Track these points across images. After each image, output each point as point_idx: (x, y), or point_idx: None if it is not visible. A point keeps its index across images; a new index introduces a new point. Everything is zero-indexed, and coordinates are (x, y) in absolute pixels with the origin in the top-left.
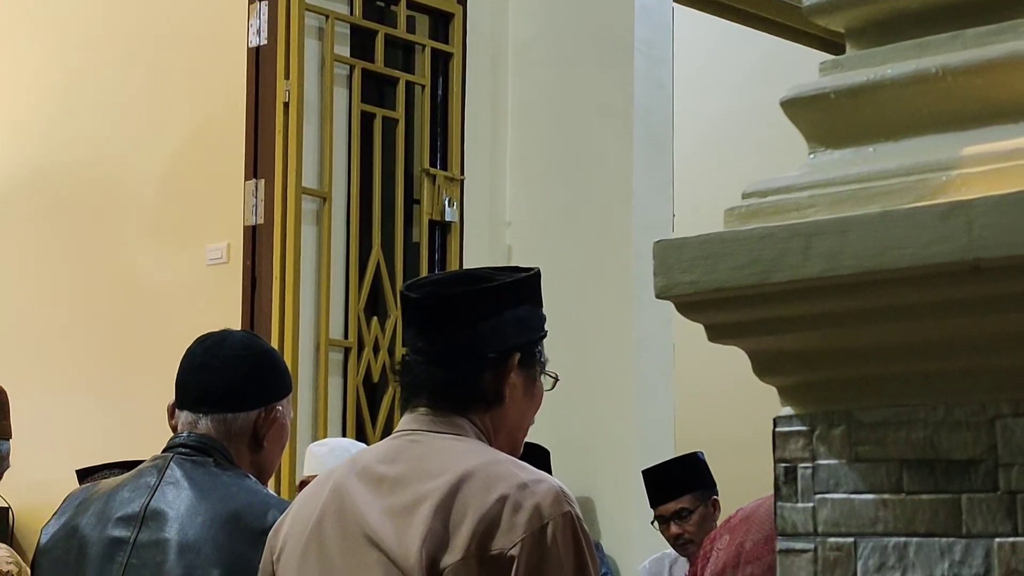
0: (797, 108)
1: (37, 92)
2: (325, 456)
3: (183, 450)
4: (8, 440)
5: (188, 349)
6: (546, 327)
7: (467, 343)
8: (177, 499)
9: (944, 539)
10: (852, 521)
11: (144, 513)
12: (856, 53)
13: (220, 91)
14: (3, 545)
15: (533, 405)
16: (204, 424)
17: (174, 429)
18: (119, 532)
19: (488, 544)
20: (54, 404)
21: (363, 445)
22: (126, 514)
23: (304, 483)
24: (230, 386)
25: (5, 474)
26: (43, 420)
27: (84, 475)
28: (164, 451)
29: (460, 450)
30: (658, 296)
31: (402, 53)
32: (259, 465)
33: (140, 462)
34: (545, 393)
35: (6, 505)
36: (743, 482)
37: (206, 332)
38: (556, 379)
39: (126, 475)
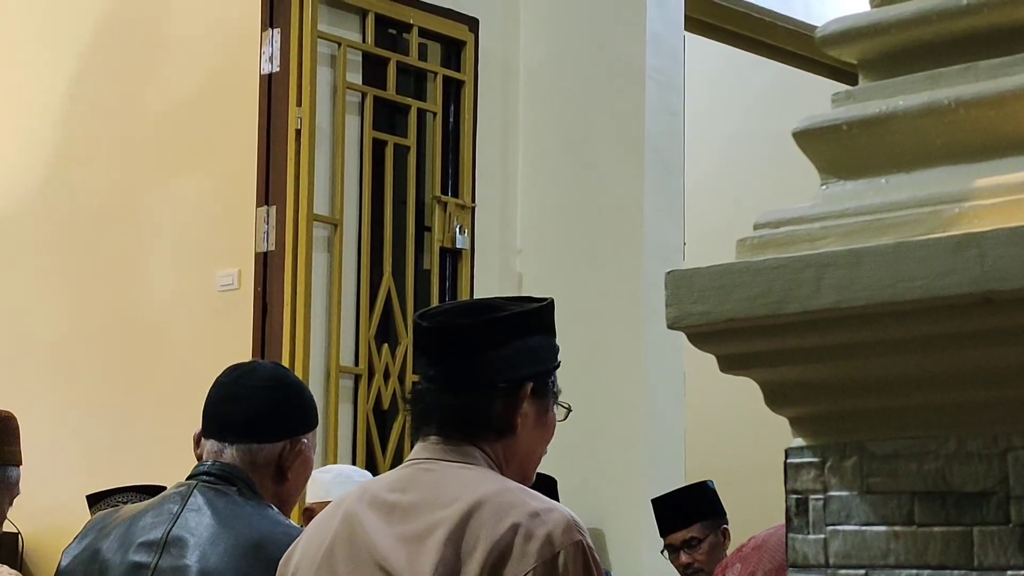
0: (809, 139)
1: (48, 115)
2: (329, 483)
3: (207, 478)
4: (18, 466)
5: (217, 378)
6: (559, 357)
7: (478, 372)
8: (199, 526)
9: (956, 572)
10: (864, 553)
11: (166, 539)
12: (869, 84)
13: (232, 118)
14: (11, 569)
15: (545, 435)
16: (229, 453)
17: (199, 458)
18: (140, 557)
19: (500, 572)
20: (63, 430)
21: (367, 473)
22: (148, 540)
23: (308, 510)
24: (257, 417)
25: (15, 500)
26: (53, 446)
27: (94, 501)
28: (188, 479)
29: (472, 479)
30: (670, 326)
31: (414, 80)
32: (281, 497)
33: (150, 486)
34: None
35: (16, 531)
36: (754, 510)
37: (219, 359)
38: (569, 410)
39: (149, 501)
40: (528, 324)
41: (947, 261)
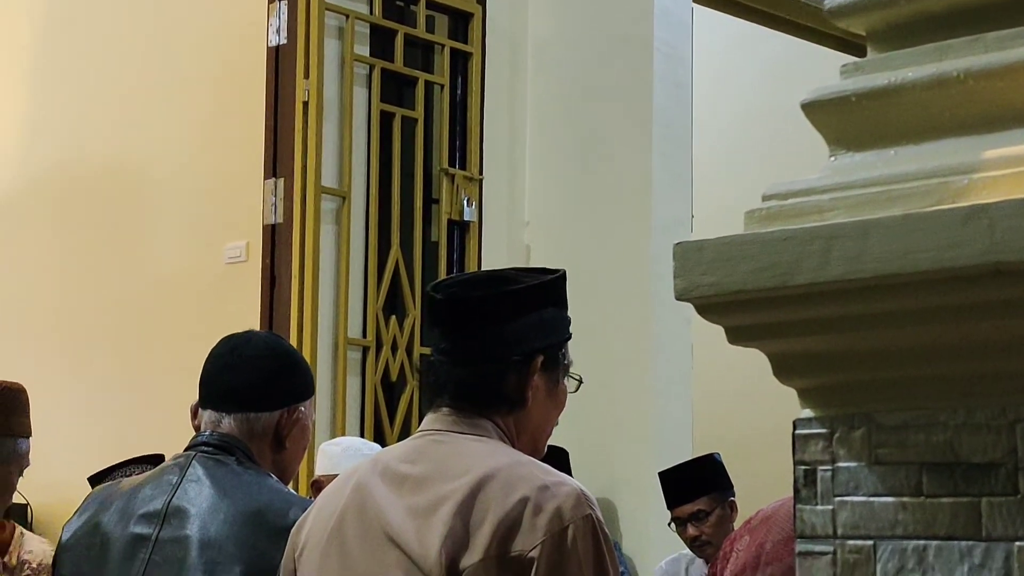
0: (818, 111)
1: (57, 90)
2: (338, 456)
3: (205, 448)
4: (27, 438)
5: (212, 349)
6: (571, 329)
7: (491, 345)
8: (199, 497)
9: (964, 542)
10: (871, 524)
11: (166, 510)
12: (877, 56)
13: (240, 90)
14: (42, 538)
15: (556, 407)
16: (227, 423)
17: (197, 429)
18: (141, 529)
19: (508, 545)
20: (73, 402)
21: (376, 445)
22: (148, 511)
23: (317, 483)
24: (253, 386)
25: (25, 472)
26: (62, 418)
27: (96, 481)
28: (186, 450)
29: (482, 451)
30: (678, 298)
31: (421, 53)
32: (280, 465)
33: (151, 456)
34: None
35: (25, 502)
36: (762, 482)
37: (227, 331)
38: (580, 381)
39: (148, 473)
40: (541, 296)
41: (956, 232)
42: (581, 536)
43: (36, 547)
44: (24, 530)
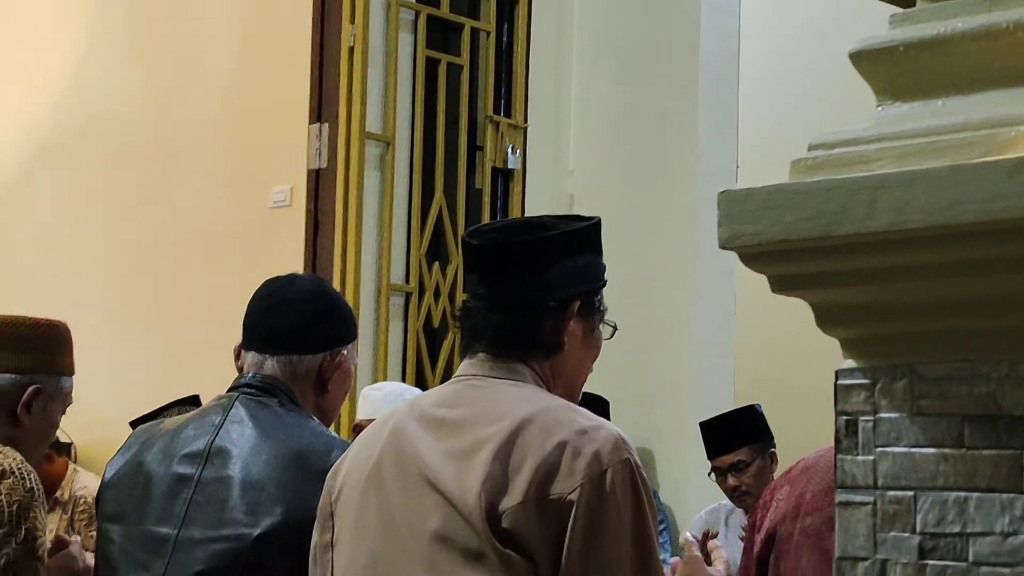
0: (866, 61)
1: (98, 36)
2: (380, 401)
3: (248, 390)
4: (71, 376)
5: (256, 292)
6: (606, 276)
7: (527, 291)
8: (241, 437)
9: (1005, 495)
10: (912, 475)
11: (209, 451)
12: (926, 6)
13: (285, 35)
14: (98, 476)
15: (592, 353)
16: (270, 365)
17: (240, 370)
18: (184, 469)
19: (547, 489)
20: (117, 343)
21: (418, 391)
22: (191, 451)
23: (358, 427)
24: (297, 328)
25: (68, 410)
26: (105, 358)
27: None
28: (229, 391)
29: (520, 395)
30: (722, 247)
31: None
32: (322, 408)
33: (189, 397)
34: (605, 342)
35: (69, 441)
36: (803, 433)
37: (270, 276)
38: (615, 328)
39: (191, 413)
40: (577, 243)
41: (1002, 184)
42: (619, 480)
43: (91, 483)
44: (77, 467)
